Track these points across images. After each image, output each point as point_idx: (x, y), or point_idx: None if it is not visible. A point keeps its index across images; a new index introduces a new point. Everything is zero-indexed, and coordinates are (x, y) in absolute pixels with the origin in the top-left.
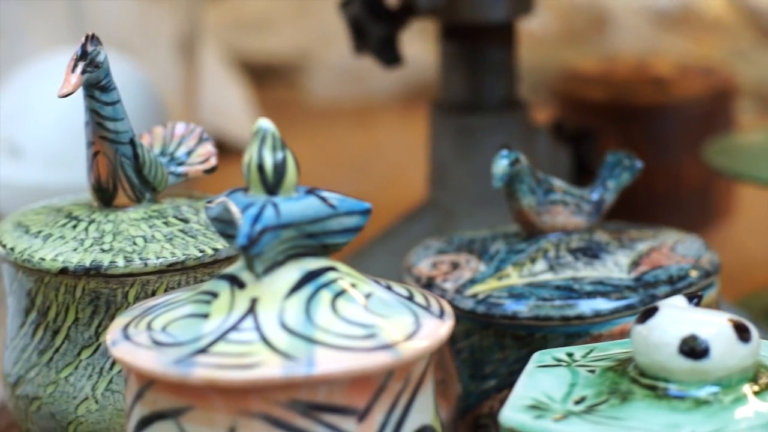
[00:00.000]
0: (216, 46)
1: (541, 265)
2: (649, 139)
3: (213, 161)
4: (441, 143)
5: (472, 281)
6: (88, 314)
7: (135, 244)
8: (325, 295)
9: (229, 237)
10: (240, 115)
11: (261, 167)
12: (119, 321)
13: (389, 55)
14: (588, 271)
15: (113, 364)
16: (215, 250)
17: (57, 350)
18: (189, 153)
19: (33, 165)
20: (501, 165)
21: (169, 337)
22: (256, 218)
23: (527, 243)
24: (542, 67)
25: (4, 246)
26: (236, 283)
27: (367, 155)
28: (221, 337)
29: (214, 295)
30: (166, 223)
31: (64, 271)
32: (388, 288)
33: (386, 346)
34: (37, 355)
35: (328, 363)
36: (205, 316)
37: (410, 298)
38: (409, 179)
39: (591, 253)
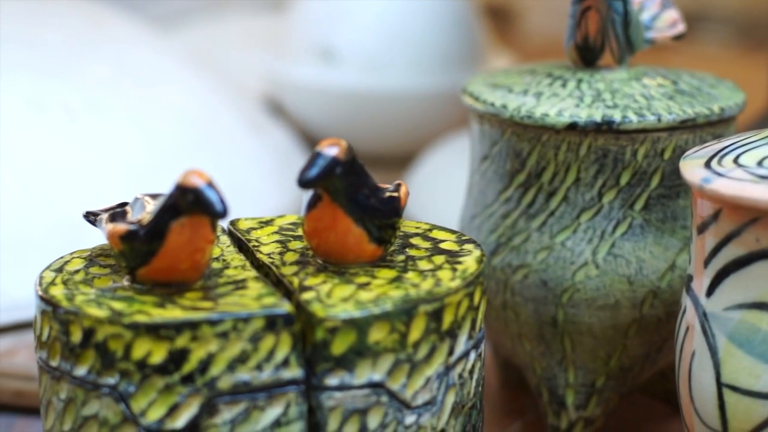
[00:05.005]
0: None
1: None
2: None
3: (681, 27)
4: None
5: None
6: (592, 174)
7: (637, 101)
8: None
9: None
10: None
11: None
12: (691, 163)
13: None
14: None
15: (616, 226)
16: (722, 109)
17: (552, 213)
18: (653, 19)
19: (348, 69)
20: None
21: None
22: None
23: None
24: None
25: (492, 104)
26: None
27: None
28: None
29: None
30: (657, 84)
31: (572, 126)
32: None
33: None
34: (525, 219)
35: None
36: None
37: None
38: None
39: None
